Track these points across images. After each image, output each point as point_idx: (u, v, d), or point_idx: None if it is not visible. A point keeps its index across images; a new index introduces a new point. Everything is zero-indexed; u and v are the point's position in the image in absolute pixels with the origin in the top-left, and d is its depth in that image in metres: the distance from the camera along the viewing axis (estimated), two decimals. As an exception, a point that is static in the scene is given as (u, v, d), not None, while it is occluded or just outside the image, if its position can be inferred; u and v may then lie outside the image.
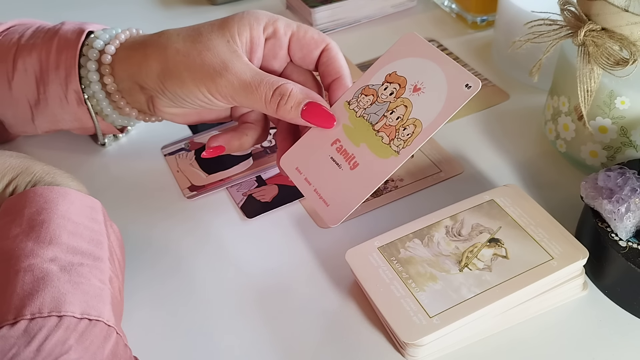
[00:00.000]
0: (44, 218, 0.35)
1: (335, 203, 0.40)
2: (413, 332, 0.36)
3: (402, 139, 0.39)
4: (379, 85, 0.41)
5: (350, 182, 0.40)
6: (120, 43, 0.46)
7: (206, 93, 0.42)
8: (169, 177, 0.51)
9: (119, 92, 0.46)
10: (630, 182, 0.39)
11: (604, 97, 0.44)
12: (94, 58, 0.45)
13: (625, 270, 0.39)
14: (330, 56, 0.44)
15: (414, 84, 0.40)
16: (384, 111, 0.40)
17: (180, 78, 0.42)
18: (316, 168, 0.41)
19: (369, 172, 0.39)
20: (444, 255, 0.40)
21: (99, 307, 0.33)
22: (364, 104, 0.41)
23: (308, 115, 0.41)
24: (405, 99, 0.40)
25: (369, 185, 0.39)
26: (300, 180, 0.42)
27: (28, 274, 0.32)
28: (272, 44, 0.44)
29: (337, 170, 0.40)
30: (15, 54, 0.46)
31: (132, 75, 0.45)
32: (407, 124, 0.39)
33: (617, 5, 0.40)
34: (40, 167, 0.39)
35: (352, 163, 0.40)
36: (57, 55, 0.46)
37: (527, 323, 0.40)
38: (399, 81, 0.41)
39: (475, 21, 0.67)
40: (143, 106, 0.47)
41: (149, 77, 0.43)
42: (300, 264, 0.44)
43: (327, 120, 0.41)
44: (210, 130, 0.55)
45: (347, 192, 0.40)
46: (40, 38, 0.47)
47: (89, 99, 0.47)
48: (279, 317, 0.41)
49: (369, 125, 0.40)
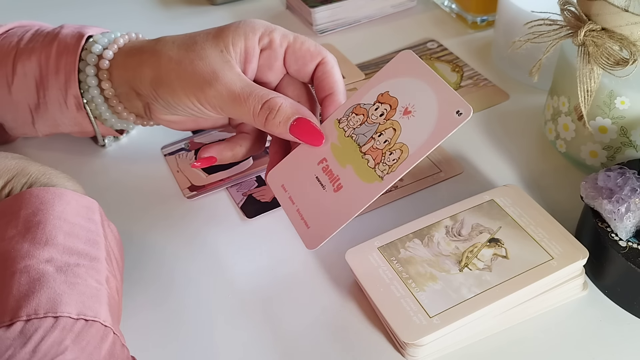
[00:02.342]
0: (40, 219, 0.35)
1: (315, 226, 0.39)
2: (413, 332, 0.36)
3: (387, 164, 0.38)
4: (370, 105, 0.40)
5: (333, 205, 0.39)
6: (119, 48, 0.46)
7: (196, 102, 0.41)
8: (169, 177, 0.51)
9: (117, 97, 0.46)
10: (630, 182, 0.39)
11: (604, 97, 0.44)
12: (92, 63, 0.45)
13: (625, 270, 0.39)
14: (325, 70, 0.43)
15: (405, 106, 0.39)
16: (373, 133, 0.39)
17: (171, 86, 0.42)
18: (300, 187, 0.40)
19: (352, 196, 0.38)
20: (444, 255, 0.40)
21: (95, 308, 0.33)
22: (353, 123, 0.40)
23: (297, 131, 0.40)
24: (395, 121, 0.39)
25: (350, 211, 0.38)
26: (284, 198, 0.41)
27: (24, 275, 0.32)
28: (268, 55, 0.43)
29: (321, 192, 0.39)
30: (15, 58, 0.46)
31: (128, 81, 0.45)
32: (394, 148, 0.38)
33: (617, 5, 0.40)
34: (36, 168, 0.39)
35: (336, 185, 0.39)
36: (57, 60, 0.46)
37: (527, 323, 0.40)
38: (390, 102, 0.39)
39: (475, 21, 0.67)
40: (140, 111, 0.47)
41: (142, 84, 0.43)
42: (300, 264, 0.44)
43: (316, 138, 0.40)
44: (210, 131, 0.55)
45: (329, 215, 0.38)
46: (40, 42, 0.47)
47: (87, 103, 0.47)
48: (279, 317, 0.41)
49: (356, 147, 0.39)
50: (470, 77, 0.61)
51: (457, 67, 0.62)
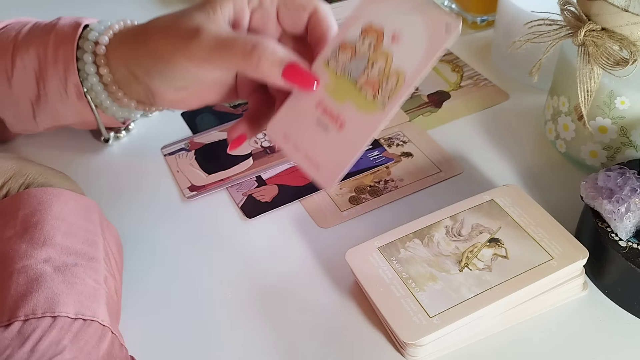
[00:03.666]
0: (38, 219, 0.35)
1: (326, 166, 0.38)
2: (413, 332, 0.36)
3: (385, 92, 0.37)
4: (356, 39, 0.39)
5: (339, 143, 0.38)
6: (114, 33, 0.46)
7: (185, 61, 0.40)
8: (169, 177, 0.51)
9: (116, 83, 0.46)
10: (630, 182, 0.39)
11: (604, 97, 0.44)
12: (89, 50, 0.45)
13: (625, 270, 0.39)
14: (318, 18, 0.42)
15: (392, 33, 0.38)
16: (365, 66, 0.38)
17: (160, 53, 0.41)
18: (303, 133, 0.40)
19: (357, 130, 0.38)
20: (444, 255, 0.40)
21: (93, 307, 0.33)
22: (343, 61, 0.39)
23: (289, 75, 0.39)
24: (385, 50, 0.38)
25: (358, 143, 0.38)
26: (289, 147, 0.40)
27: (22, 276, 0.32)
28: (260, 16, 0.42)
29: (325, 133, 0.39)
30: (14, 52, 0.46)
31: (124, 64, 0.44)
32: (390, 75, 0.37)
33: (617, 5, 0.40)
34: (33, 168, 0.39)
35: (339, 123, 0.38)
36: (55, 50, 0.46)
37: (527, 323, 0.40)
38: (376, 32, 0.38)
39: (475, 21, 0.67)
40: (141, 96, 0.46)
41: (136, 63, 0.43)
42: (300, 263, 0.44)
43: (309, 81, 0.39)
44: (210, 131, 0.55)
45: (338, 153, 0.38)
46: (37, 34, 0.46)
47: (88, 91, 0.46)
48: (279, 317, 0.41)
49: (351, 83, 0.38)
50: (470, 77, 0.61)
51: (457, 67, 0.62)
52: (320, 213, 0.48)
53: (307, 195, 0.49)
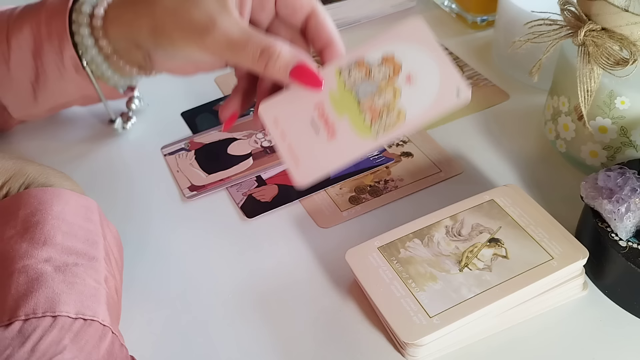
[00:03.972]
0: (38, 219, 0.35)
1: (306, 164, 0.39)
2: (413, 332, 0.36)
3: (382, 124, 0.38)
4: (374, 64, 0.40)
5: (326, 150, 0.39)
6: (108, 4, 0.45)
7: (196, 50, 0.41)
8: (169, 177, 0.51)
9: (116, 53, 0.46)
10: (630, 182, 0.39)
11: (604, 97, 0.44)
12: (85, 23, 0.45)
13: (625, 270, 0.39)
14: (318, 21, 0.42)
15: (408, 73, 0.39)
16: (373, 92, 0.39)
17: (171, 37, 0.41)
18: (294, 125, 0.40)
19: (345, 146, 0.39)
20: (444, 255, 0.40)
21: (93, 307, 0.33)
22: (355, 77, 0.40)
23: (297, 74, 0.39)
24: (397, 86, 0.39)
25: (342, 158, 0.39)
26: (276, 132, 0.41)
27: (22, 275, 0.32)
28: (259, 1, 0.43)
29: (314, 135, 0.39)
30: (8, 34, 0.46)
31: (125, 36, 0.44)
32: (391, 111, 0.38)
33: (617, 5, 0.40)
34: (33, 168, 0.39)
35: (331, 132, 0.39)
36: (47, 25, 0.45)
37: (527, 323, 0.40)
38: (394, 65, 0.39)
39: (475, 21, 0.67)
40: (141, 62, 0.46)
41: (141, 36, 0.43)
42: (300, 264, 0.44)
43: (315, 83, 0.40)
44: (210, 131, 0.55)
45: (320, 158, 0.39)
46: (29, 13, 0.46)
47: (88, 64, 0.46)
48: (279, 317, 0.41)
49: (355, 101, 0.39)
50: (471, 77, 0.61)
51: (457, 67, 0.62)
52: (320, 213, 0.48)
53: (307, 195, 0.49)
